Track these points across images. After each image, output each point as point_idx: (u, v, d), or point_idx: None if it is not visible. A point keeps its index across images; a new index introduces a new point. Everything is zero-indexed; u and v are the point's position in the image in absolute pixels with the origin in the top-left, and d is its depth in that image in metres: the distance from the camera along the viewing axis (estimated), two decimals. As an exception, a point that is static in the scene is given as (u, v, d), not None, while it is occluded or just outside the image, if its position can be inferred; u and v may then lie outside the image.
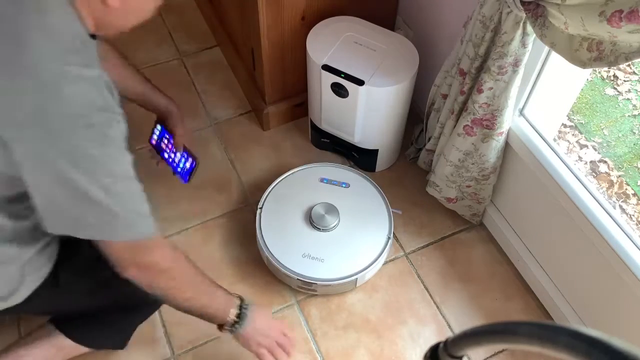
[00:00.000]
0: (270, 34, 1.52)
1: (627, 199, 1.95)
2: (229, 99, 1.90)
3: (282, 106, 1.78)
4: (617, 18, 0.82)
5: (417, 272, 1.56)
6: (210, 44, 2.05)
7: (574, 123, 2.13)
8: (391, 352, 1.43)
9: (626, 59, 0.89)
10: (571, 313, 1.40)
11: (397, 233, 1.61)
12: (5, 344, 1.41)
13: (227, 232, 1.61)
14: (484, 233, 1.62)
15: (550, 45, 1.03)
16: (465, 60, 1.25)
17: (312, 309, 1.48)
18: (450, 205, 1.59)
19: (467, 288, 1.53)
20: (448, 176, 1.48)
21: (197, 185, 1.70)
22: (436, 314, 1.49)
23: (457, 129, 1.35)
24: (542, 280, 1.46)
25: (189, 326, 1.45)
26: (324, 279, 1.41)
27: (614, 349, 0.37)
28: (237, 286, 1.51)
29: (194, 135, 1.81)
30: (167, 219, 1.63)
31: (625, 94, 2.22)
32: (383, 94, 1.45)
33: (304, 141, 1.80)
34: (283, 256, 1.43)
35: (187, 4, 2.16)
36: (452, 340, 0.56)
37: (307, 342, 1.44)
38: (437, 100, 1.47)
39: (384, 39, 1.50)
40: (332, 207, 1.49)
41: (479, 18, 1.15)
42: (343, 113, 1.55)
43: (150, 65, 1.98)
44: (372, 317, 1.48)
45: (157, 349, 1.41)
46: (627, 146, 2.08)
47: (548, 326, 0.42)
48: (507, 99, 1.23)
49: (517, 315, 1.49)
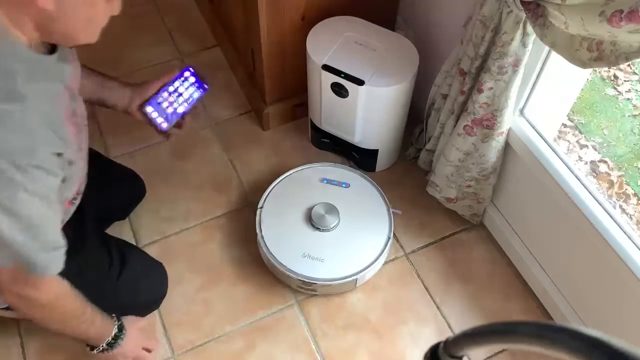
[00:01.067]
0: (270, 34, 1.52)
1: (627, 199, 1.95)
2: (229, 99, 1.90)
3: (282, 106, 1.78)
4: (617, 18, 0.82)
5: (417, 272, 1.56)
6: (210, 44, 2.05)
7: (574, 123, 2.13)
8: (391, 352, 1.43)
9: (626, 59, 0.89)
10: (571, 313, 1.40)
11: (397, 233, 1.61)
12: (6, 344, 1.41)
13: (227, 232, 1.61)
14: (484, 233, 1.62)
15: (551, 45, 1.03)
16: (465, 60, 1.25)
17: (312, 309, 1.48)
18: (450, 205, 1.59)
19: (467, 288, 1.53)
20: (448, 176, 1.48)
21: (197, 185, 1.70)
22: (436, 314, 1.49)
23: (457, 129, 1.35)
24: (542, 280, 1.46)
25: (189, 326, 1.45)
26: (324, 279, 1.41)
27: (614, 349, 0.37)
28: (237, 286, 1.51)
29: (193, 135, 1.81)
30: (167, 219, 1.63)
31: (625, 94, 2.22)
32: (383, 94, 1.45)
33: (304, 141, 1.80)
34: (283, 256, 1.43)
35: (187, 4, 2.16)
36: (452, 340, 0.56)
37: (307, 342, 1.44)
38: (437, 100, 1.47)
39: (384, 39, 1.50)
40: (332, 207, 1.49)
41: (479, 18, 1.15)
42: (343, 113, 1.55)
43: (150, 65, 1.98)
44: (372, 317, 1.48)
45: (157, 349, 1.41)
46: (627, 146, 2.08)
47: (548, 326, 0.42)
48: (507, 99, 1.23)
49: (517, 315, 1.49)
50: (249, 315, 1.47)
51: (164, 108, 1.23)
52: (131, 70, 1.96)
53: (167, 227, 1.62)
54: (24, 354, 1.40)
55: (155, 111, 1.22)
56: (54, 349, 1.40)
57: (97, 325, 1.12)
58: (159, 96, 1.23)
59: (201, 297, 1.50)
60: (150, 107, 1.22)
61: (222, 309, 1.48)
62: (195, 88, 1.27)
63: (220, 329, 1.45)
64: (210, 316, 1.47)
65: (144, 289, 1.37)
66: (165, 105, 1.23)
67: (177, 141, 1.79)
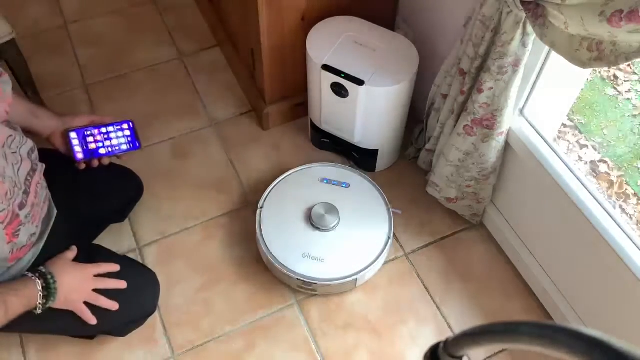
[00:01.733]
0: (270, 34, 1.52)
1: (627, 199, 1.95)
2: (229, 99, 1.90)
3: (282, 106, 1.78)
4: (617, 18, 0.82)
5: (417, 272, 1.56)
6: (210, 44, 2.05)
7: (574, 123, 2.13)
8: (391, 352, 1.43)
9: (626, 59, 0.89)
10: (571, 313, 1.40)
11: (397, 233, 1.61)
12: (6, 344, 1.41)
13: (228, 232, 1.61)
14: (484, 233, 1.62)
15: (551, 45, 1.03)
16: (465, 60, 1.25)
17: (312, 309, 1.48)
18: (450, 205, 1.59)
19: (467, 288, 1.53)
20: (448, 176, 1.48)
21: (197, 185, 1.70)
22: (436, 314, 1.49)
23: (457, 129, 1.35)
24: (542, 280, 1.46)
25: (189, 326, 1.45)
26: (324, 279, 1.41)
27: (614, 349, 0.37)
28: (237, 286, 1.51)
29: (193, 135, 1.81)
30: (167, 219, 1.63)
31: (625, 94, 2.22)
32: (383, 94, 1.45)
33: (304, 141, 1.80)
34: (283, 256, 1.43)
35: (187, 4, 2.16)
36: (452, 340, 0.56)
37: (307, 342, 1.44)
38: (437, 100, 1.47)
39: (384, 39, 1.50)
40: (332, 207, 1.49)
41: (479, 18, 1.15)
42: (343, 113, 1.55)
43: (150, 65, 1.98)
44: (372, 317, 1.48)
45: (157, 349, 1.41)
46: (627, 146, 2.08)
47: (548, 326, 0.42)
48: (507, 99, 1.23)
49: (517, 315, 1.49)
50: (249, 315, 1.47)
51: (87, 142, 1.27)
52: (131, 70, 1.96)
53: (167, 227, 1.62)
54: (24, 353, 1.40)
55: (77, 140, 1.25)
56: (54, 349, 1.40)
57: (14, 302, 1.01)
58: (88, 130, 1.27)
59: (201, 297, 1.50)
60: (74, 134, 1.25)
61: (222, 309, 1.48)
62: (126, 141, 1.31)
63: (220, 329, 1.45)
64: (210, 316, 1.47)
65: (131, 307, 1.25)
66: (90, 140, 1.27)
67: (177, 141, 1.80)
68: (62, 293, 1.09)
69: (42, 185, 1.14)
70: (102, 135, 1.28)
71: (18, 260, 1.09)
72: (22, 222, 1.05)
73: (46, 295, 1.06)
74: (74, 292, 1.12)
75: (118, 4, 2.16)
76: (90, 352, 1.40)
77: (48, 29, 2.08)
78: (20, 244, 1.07)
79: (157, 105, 1.88)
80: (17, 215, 1.03)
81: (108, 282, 1.18)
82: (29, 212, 1.07)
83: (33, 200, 1.08)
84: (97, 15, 2.13)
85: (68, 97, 1.89)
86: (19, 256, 1.08)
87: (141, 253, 1.57)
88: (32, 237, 1.10)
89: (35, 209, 1.10)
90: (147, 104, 1.88)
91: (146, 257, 1.56)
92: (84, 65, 1.98)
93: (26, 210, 1.06)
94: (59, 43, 2.04)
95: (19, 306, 1.03)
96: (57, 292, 1.08)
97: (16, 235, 1.04)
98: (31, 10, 2.14)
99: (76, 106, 1.87)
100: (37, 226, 1.12)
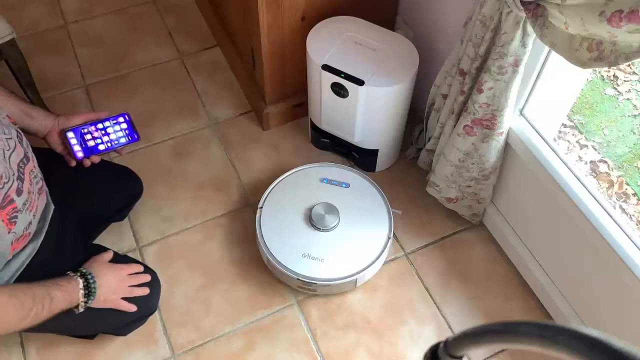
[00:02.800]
0: (270, 34, 1.52)
1: (627, 199, 1.95)
2: (229, 99, 1.90)
3: (282, 106, 1.78)
4: (617, 18, 0.82)
5: (417, 272, 1.56)
6: (210, 44, 2.05)
7: (574, 123, 2.13)
8: (391, 352, 1.43)
9: (626, 59, 0.89)
10: (571, 313, 1.40)
11: (397, 233, 1.61)
12: (6, 344, 1.41)
13: (227, 232, 1.61)
14: (484, 233, 1.62)
15: (550, 45, 1.03)
16: (465, 60, 1.25)
17: (312, 309, 1.48)
18: (450, 205, 1.59)
19: (467, 288, 1.53)
20: (448, 176, 1.48)
21: (197, 185, 1.70)
22: (436, 314, 1.49)
23: (457, 129, 1.35)
24: (542, 280, 1.46)
25: (189, 326, 1.45)
26: (324, 279, 1.41)
27: (614, 349, 0.37)
28: (237, 286, 1.51)
29: (193, 135, 1.81)
30: (167, 219, 1.63)
31: (625, 94, 2.22)
32: (383, 94, 1.45)
33: (304, 141, 1.80)
34: (283, 256, 1.43)
35: (187, 4, 2.16)
36: (452, 340, 0.56)
37: (307, 342, 1.44)
38: (437, 100, 1.47)
39: (384, 39, 1.50)
40: (332, 207, 1.49)
41: (479, 18, 1.15)
42: (343, 113, 1.55)
43: (150, 65, 1.98)
44: (372, 317, 1.48)
45: (157, 349, 1.41)
46: (627, 146, 2.08)
47: (548, 326, 0.42)
48: (507, 99, 1.23)
49: (517, 315, 1.49)
50: (249, 315, 1.47)
51: (85, 139, 1.27)
52: (131, 70, 1.96)
53: (167, 227, 1.62)
54: (24, 353, 1.40)
55: (75, 139, 1.25)
56: (54, 348, 1.40)
57: (57, 297, 1.05)
58: (85, 127, 1.27)
59: (201, 297, 1.50)
60: (72, 133, 1.25)
61: (222, 309, 1.48)
62: (124, 134, 1.31)
63: (220, 329, 1.45)
64: (210, 316, 1.47)
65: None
66: (88, 137, 1.27)
67: (177, 141, 1.80)
68: (102, 293, 1.14)
69: (37, 175, 1.14)
70: (99, 131, 1.28)
71: (17, 255, 1.09)
72: (18, 208, 1.04)
73: (87, 294, 1.11)
74: (113, 293, 1.18)
75: (118, 4, 2.16)
76: (90, 352, 1.40)
77: (48, 29, 2.08)
78: (18, 232, 1.07)
79: (157, 105, 1.88)
80: (11, 200, 1.02)
81: (139, 278, 1.25)
82: (27, 199, 1.07)
83: (29, 187, 1.08)
84: (97, 15, 2.13)
85: (68, 97, 1.89)
86: (16, 247, 1.08)
87: (141, 253, 1.57)
88: (29, 226, 1.09)
89: (32, 197, 1.09)
90: (147, 103, 1.88)
91: (146, 257, 1.56)
92: (84, 65, 1.98)
93: (23, 198, 1.06)
94: (59, 43, 2.04)
95: (62, 301, 1.06)
96: (97, 292, 1.13)
97: (13, 222, 1.03)
98: (31, 10, 2.14)
99: (76, 106, 1.87)
100: (35, 216, 1.11)
